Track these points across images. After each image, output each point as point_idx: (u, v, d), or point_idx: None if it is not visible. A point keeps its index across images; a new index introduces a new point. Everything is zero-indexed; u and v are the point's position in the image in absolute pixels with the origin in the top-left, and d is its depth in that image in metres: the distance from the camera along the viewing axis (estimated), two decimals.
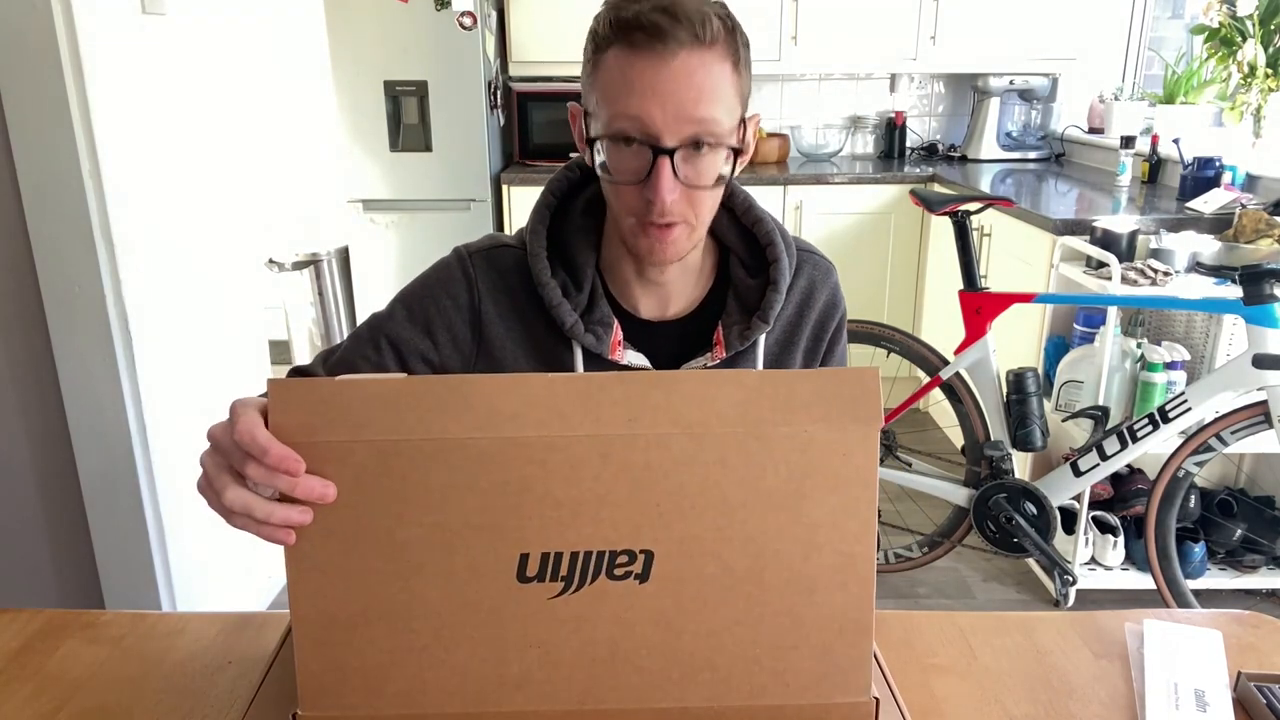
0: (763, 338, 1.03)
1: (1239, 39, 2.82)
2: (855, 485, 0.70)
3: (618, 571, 0.70)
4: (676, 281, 1.02)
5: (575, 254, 1.01)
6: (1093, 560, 2.45)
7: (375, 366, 1.00)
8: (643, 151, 0.87)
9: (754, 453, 0.68)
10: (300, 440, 0.67)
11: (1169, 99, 3.20)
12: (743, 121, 0.92)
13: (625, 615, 0.71)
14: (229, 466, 0.70)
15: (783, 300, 1.02)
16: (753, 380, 0.68)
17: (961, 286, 2.29)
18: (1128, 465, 2.46)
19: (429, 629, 0.71)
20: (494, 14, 3.56)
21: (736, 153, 0.91)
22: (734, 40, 0.88)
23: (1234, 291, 2.11)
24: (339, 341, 1.07)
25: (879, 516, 2.83)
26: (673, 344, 1.03)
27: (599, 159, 0.91)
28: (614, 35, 0.86)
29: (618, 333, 1.00)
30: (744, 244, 1.05)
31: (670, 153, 0.86)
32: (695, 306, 1.04)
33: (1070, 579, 2.29)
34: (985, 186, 3.27)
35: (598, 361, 1.00)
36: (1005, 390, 2.28)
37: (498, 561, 0.69)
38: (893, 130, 4.00)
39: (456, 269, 1.02)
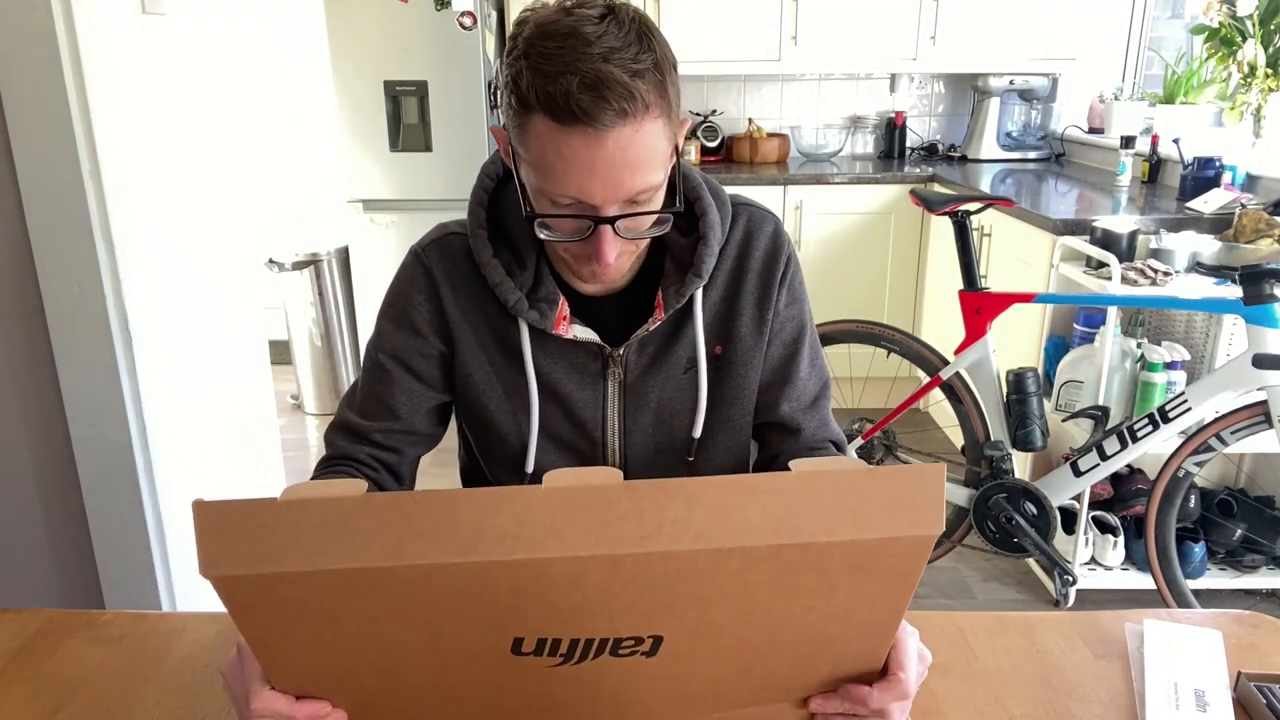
0: (699, 294, 1.03)
1: (1239, 39, 2.82)
2: (897, 577, 0.62)
3: (623, 651, 0.64)
4: None
5: (516, 234, 1.02)
6: (1093, 560, 2.45)
7: (399, 389, 1.05)
8: (582, 220, 0.87)
9: (788, 560, 0.59)
10: (241, 573, 0.57)
11: (1169, 99, 3.20)
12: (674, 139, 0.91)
13: (630, 681, 0.67)
14: None
15: (715, 254, 1.02)
16: (791, 485, 0.57)
17: (961, 286, 2.29)
18: (1128, 465, 2.46)
19: (420, 685, 0.66)
20: (494, 14, 3.56)
21: (676, 211, 0.93)
22: (664, 91, 0.84)
23: (1234, 291, 2.11)
24: (354, 381, 1.10)
25: None
26: (620, 314, 1.04)
27: (536, 220, 0.90)
28: (540, 105, 0.82)
29: (563, 308, 1.01)
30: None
31: (611, 221, 0.87)
32: (636, 274, 1.05)
33: (1070, 579, 2.29)
34: (985, 186, 3.27)
35: (547, 336, 1.02)
36: (1005, 390, 2.28)
37: (489, 642, 0.63)
38: (893, 130, 4.00)
39: (414, 266, 1.05)
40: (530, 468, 1.06)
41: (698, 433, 1.06)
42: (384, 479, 1.06)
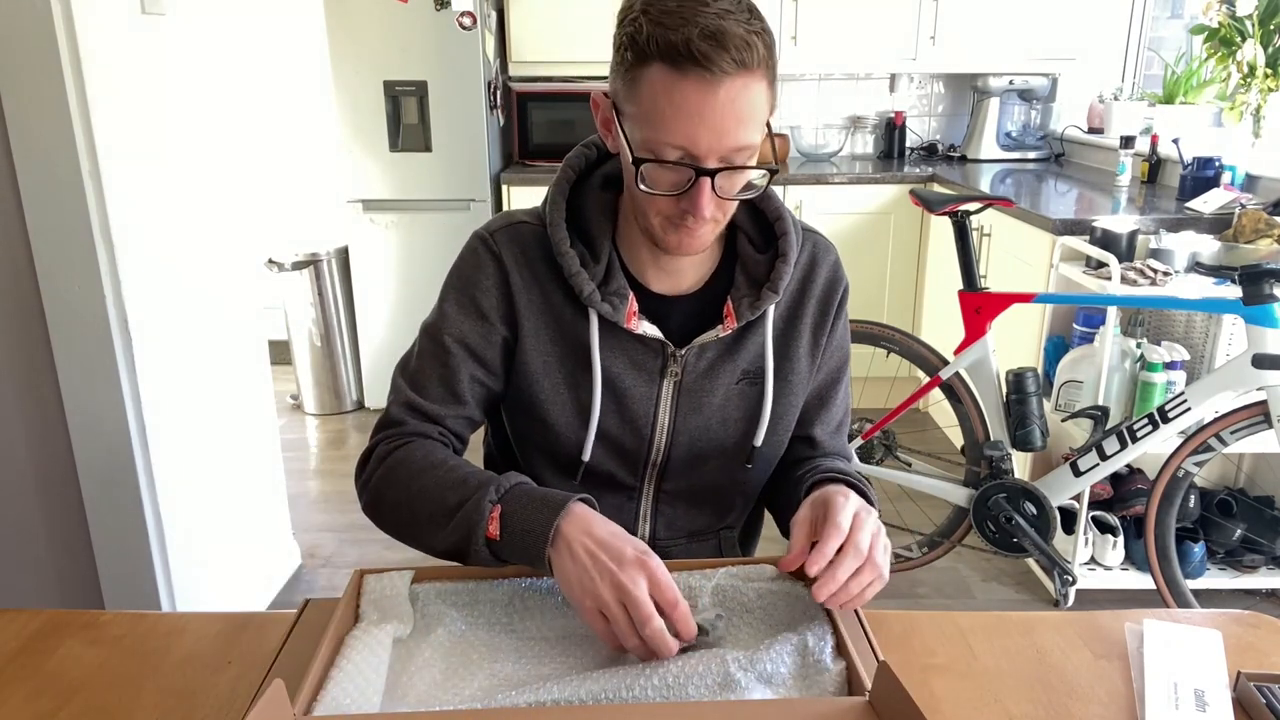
0: (772, 309, 1.07)
1: (1238, 39, 2.82)
2: None
3: None
4: (691, 259, 1.05)
5: (592, 228, 1.04)
6: (1092, 560, 2.45)
7: (464, 374, 1.05)
8: (684, 170, 0.90)
9: None
10: None
11: (1169, 99, 3.20)
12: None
13: None
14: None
15: (791, 273, 1.06)
16: None
17: (961, 286, 2.29)
18: (1127, 465, 2.46)
19: None
20: (494, 14, 3.56)
21: (772, 169, 0.95)
22: (772, 56, 0.90)
23: (1234, 291, 2.11)
24: (409, 354, 1.09)
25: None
26: (684, 318, 1.07)
27: (637, 171, 0.92)
28: (659, 54, 0.86)
29: (633, 304, 1.03)
30: (751, 220, 1.09)
31: (711, 174, 0.90)
32: (705, 282, 1.08)
33: (1070, 579, 2.29)
34: (985, 186, 3.27)
35: (613, 330, 1.04)
36: (1005, 390, 2.28)
37: None
38: (892, 130, 4.00)
39: (483, 250, 1.06)
40: (587, 456, 1.07)
41: (759, 441, 1.09)
42: (459, 451, 1.07)
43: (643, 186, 0.93)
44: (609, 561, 0.82)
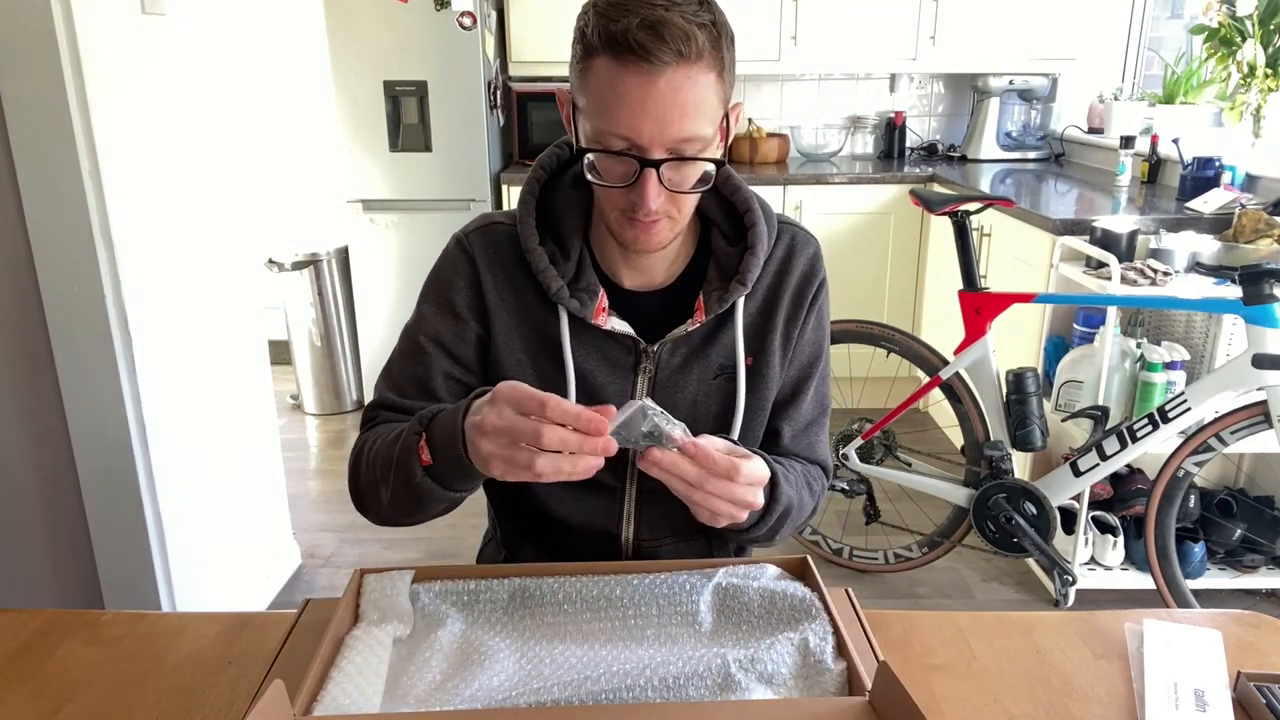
0: (741, 303, 1.06)
1: (1238, 39, 2.82)
2: None
3: None
4: (660, 255, 1.05)
5: (563, 226, 1.05)
6: (1092, 560, 2.45)
7: (437, 372, 1.06)
8: (629, 161, 0.91)
9: None
10: None
11: (1169, 99, 3.20)
12: (725, 115, 0.95)
13: None
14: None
15: (761, 265, 1.06)
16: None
17: (961, 286, 2.29)
18: (1127, 465, 2.46)
19: None
20: (493, 14, 3.56)
21: (718, 161, 0.94)
22: (719, 49, 0.89)
23: (1234, 291, 2.11)
24: (390, 357, 1.11)
25: (878, 517, 2.78)
26: (655, 312, 1.07)
27: (587, 161, 0.93)
28: (602, 46, 0.87)
29: (602, 300, 1.03)
30: (724, 215, 1.09)
31: (656, 164, 0.90)
32: (677, 276, 1.08)
33: (1070, 579, 2.29)
34: (985, 186, 3.27)
35: (584, 327, 1.04)
36: (1005, 390, 2.28)
37: None
38: (892, 130, 4.00)
39: (457, 251, 1.08)
40: None
41: (734, 437, 1.08)
42: None
43: (592, 177, 0.94)
44: (476, 426, 0.83)
